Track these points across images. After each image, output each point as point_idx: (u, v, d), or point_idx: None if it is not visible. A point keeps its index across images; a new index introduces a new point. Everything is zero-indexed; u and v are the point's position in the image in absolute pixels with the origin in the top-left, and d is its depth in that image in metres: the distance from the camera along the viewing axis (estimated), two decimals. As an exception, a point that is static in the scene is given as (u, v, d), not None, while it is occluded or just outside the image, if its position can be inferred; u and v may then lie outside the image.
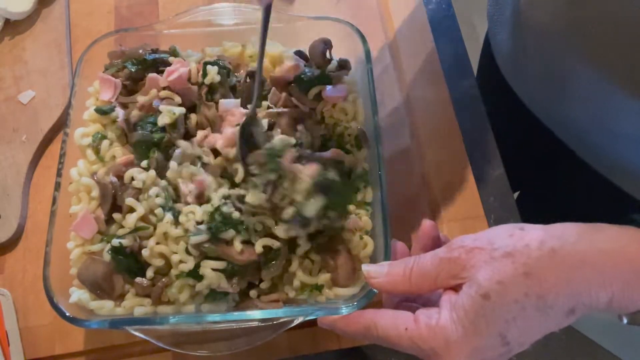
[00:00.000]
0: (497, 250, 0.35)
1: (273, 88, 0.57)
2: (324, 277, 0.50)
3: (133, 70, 0.59)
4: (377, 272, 0.40)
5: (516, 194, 0.97)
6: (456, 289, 0.36)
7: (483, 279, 0.34)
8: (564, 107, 0.64)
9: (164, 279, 0.50)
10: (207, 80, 0.56)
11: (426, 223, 0.44)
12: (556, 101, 0.65)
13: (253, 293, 0.50)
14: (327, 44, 0.58)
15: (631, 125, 0.56)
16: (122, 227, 0.51)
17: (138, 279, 0.50)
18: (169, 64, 0.60)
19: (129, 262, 0.50)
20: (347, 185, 0.52)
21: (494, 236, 0.36)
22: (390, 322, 0.38)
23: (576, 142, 0.67)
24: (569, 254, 0.34)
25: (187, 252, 0.49)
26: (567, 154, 0.69)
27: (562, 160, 0.77)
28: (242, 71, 0.60)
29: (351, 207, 0.53)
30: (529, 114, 0.72)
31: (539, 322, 0.34)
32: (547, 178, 0.87)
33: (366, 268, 0.41)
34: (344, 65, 0.58)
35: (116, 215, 0.51)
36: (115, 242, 0.49)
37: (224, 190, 0.51)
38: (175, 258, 0.49)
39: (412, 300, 0.44)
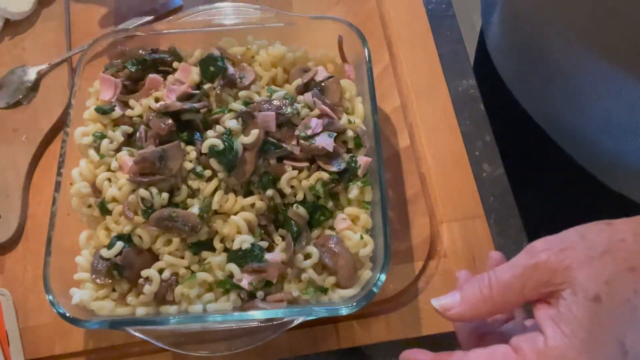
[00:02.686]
0: (592, 248, 0.32)
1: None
2: (329, 280, 0.51)
3: (133, 70, 0.59)
4: (452, 303, 0.36)
5: (516, 194, 0.96)
6: (549, 300, 0.32)
7: (587, 281, 0.31)
8: (552, 101, 0.64)
9: (172, 277, 0.50)
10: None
11: (495, 256, 0.40)
12: (544, 95, 0.65)
13: (260, 294, 0.50)
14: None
15: (626, 114, 0.55)
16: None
17: (141, 281, 0.50)
18: (169, 64, 0.60)
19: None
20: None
21: (583, 234, 0.33)
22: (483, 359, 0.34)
23: (569, 142, 0.67)
24: None
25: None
26: (565, 153, 0.69)
27: (561, 160, 0.77)
28: (243, 65, 0.60)
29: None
30: (524, 111, 0.72)
31: None
32: (547, 177, 0.87)
33: (437, 303, 0.36)
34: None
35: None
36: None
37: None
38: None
39: (485, 331, 0.39)
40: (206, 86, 0.57)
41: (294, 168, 0.53)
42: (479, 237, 0.60)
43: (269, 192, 0.52)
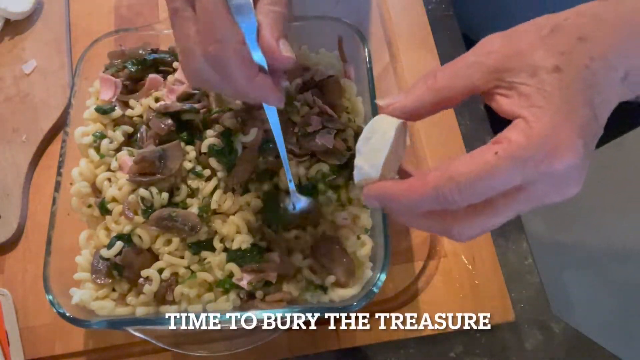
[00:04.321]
0: (541, 28, 0.32)
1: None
2: (329, 279, 0.50)
3: (133, 70, 0.59)
4: (396, 98, 0.34)
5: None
6: (506, 93, 0.32)
7: (543, 58, 0.31)
8: None
9: (172, 277, 0.50)
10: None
11: None
12: None
13: (259, 294, 0.50)
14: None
15: None
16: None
17: (141, 280, 0.50)
18: (169, 64, 0.60)
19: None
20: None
21: (531, 22, 0.33)
22: (470, 161, 0.31)
23: None
24: (613, 17, 0.32)
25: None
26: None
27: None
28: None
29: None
30: None
31: (609, 88, 0.31)
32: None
33: (382, 102, 0.35)
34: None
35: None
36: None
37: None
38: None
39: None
40: None
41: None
42: (479, 237, 0.59)
43: (265, 186, 0.52)
